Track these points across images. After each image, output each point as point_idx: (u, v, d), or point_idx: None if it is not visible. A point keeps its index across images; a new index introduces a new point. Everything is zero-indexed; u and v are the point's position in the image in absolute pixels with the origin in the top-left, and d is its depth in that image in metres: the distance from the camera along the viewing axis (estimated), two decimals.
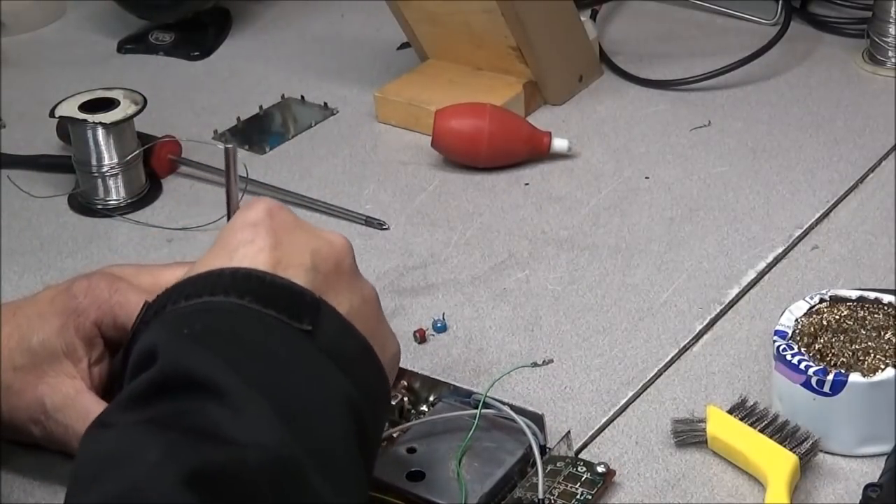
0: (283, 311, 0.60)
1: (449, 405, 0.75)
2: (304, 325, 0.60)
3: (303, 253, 0.63)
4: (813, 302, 0.77)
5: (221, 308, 0.60)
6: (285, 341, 0.60)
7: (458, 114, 1.03)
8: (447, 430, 0.73)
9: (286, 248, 0.63)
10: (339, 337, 0.62)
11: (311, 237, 0.65)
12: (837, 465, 0.73)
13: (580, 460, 0.72)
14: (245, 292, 0.61)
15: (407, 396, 0.76)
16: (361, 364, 0.62)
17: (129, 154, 1.01)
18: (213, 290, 0.61)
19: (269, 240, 0.63)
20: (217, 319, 0.60)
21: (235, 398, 0.56)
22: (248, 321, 0.60)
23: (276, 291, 0.61)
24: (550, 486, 0.70)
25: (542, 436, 0.72)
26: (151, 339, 0.59)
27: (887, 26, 1.14)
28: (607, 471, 0.72)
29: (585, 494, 0.70)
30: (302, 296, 0.61)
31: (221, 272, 0.62)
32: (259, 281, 0.61)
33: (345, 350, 0.62)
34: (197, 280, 0.62)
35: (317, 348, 0.60)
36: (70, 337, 0.74)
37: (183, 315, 0.60)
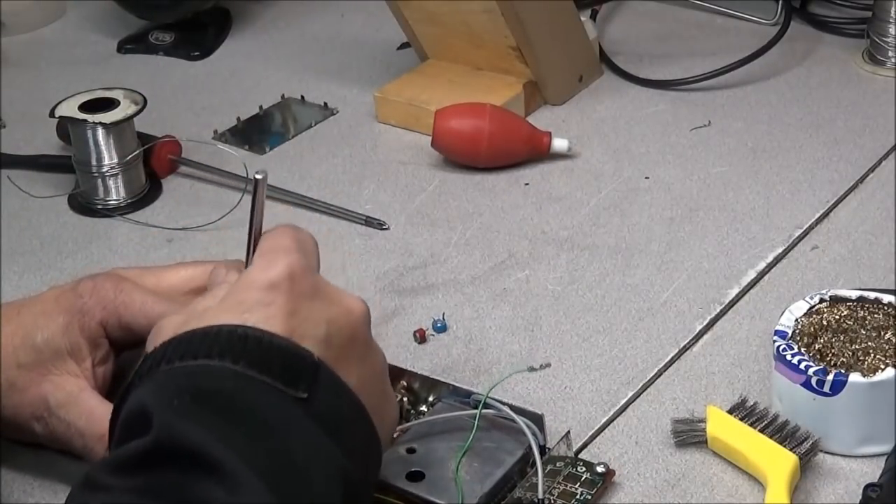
0: (279, 377, 0.59)
1: (448, 405, 0.75)
2: (299, 392, 0.59)
3: (318, 324, 0.62)
4: (813, 302, 0.77)
5: (216, 373, 0.59)
6: (279, 410, 0.59)
7: (458, 114, 1.03)
8: (447, 430, 0.73)
9: (302, 316, 0.62)
10: (335, 403, 0.61)
11: (328, 306, 0.64)
12: (837, 465, 0.73)
13: (580, 460, 0.72)
14: (240, 356, 0.59)
15: (406, 396, 0.76)
16: (356, 432, 0.62)
17: (129, 154, 1.01)
18: (209, 352, 0.60)
19: (286, 306, 0.62)
20: (211, 386, 0.59)
21: (229, 474, 0.55)
22: (243, 388, 0.59)
23: (274, 355, 0.60)
24: (550, 486, 0.70)
25: (541, 436, 0.72)
26: (144, 399, 0.58)
27: (887, 26, 1.14)
28: (607, 471, 0.72)
29: (585, 494, 0.70)
30: (301, 359, 0.61)
31: (219, 331, 0.61)
32: (256, 343, 0.60)
33: (340, 417, 0.61)
34: (194, 339, 0.61)
35: (311, 417, 0.59)
36: (75, 336, 0.74)
37: (177, 377, 0.59)
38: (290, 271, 0.63)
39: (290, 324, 0.61)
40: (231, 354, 0.59)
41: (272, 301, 0.62)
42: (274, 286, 0.62)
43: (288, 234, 0.66)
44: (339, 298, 0.64)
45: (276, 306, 0.62)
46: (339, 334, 0.63)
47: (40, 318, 0.74)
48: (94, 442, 0.72)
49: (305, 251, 0.66)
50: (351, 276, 0.92)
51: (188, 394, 0.58)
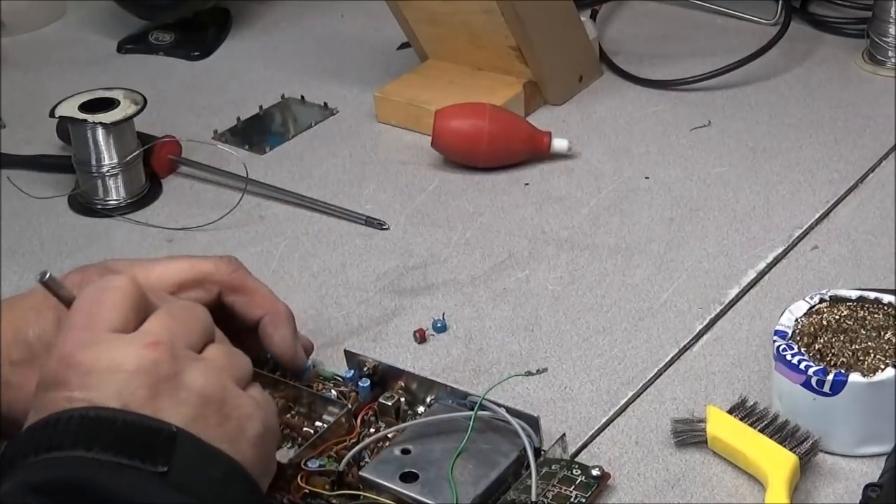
0: (135, 455, 0.58)
1: (445, 406, 0.75)
2: (158, 466, 0.58)
3: (109, 397, 0.61)
4: (813, 302, 0.77)
5: (71, 464, 0.58)
6: (141, 490, 0.58)
7: (458, 114, 1.03)
8: (442, 431, 0.73)
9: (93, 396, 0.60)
10: (200, 467, 0.60)
11: (111, 375, 0.61)
12: (837, 465, 0.73)
13: (575, 463, 0.72)
14: (93, 442, 0.58)
15: (404, 397, 0.76)
16: (225, 485, 0.61)
17: (129, 154, 1.01)
18: (62, 442, 0.58)
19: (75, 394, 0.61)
20: (69, 478, 0.58)
21: None
22: (100, 475, 0.58)
23: (126, 433, 0.59)
24: (544, 488, 0.70)
25: (536, 438, 0.72)
26: (3, 498, 0.57)
27: (887, 26, 1.14)
28: (602, 474, 0.71)
29: (579, 497, 0.70)
30: (156, 432, 0.60)
31: (70, 418, 0.59)
32: (108, 424, 0.59)
33: (208, 480, 0.60)
34: (46, 428, 0.60)
35: (176, 489, 0.58)
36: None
37: (33, 472, 0.58)
38: (58, 363, 0.62)
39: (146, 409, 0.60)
40: (83, 441, 0.58)
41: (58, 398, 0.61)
42: (51, 385, 0.61)
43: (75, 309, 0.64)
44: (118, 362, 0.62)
45: (66, 401, 0.60)
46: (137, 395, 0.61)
47: (30, 314, 0.74)
48: None
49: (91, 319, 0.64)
50: (351, 276, 0.92)
51: (45, 491, 0.57)
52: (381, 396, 0.76)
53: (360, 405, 0.76)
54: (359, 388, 0.76)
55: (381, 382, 0.77)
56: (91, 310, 0.64)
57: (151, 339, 0.63)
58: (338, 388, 0.77)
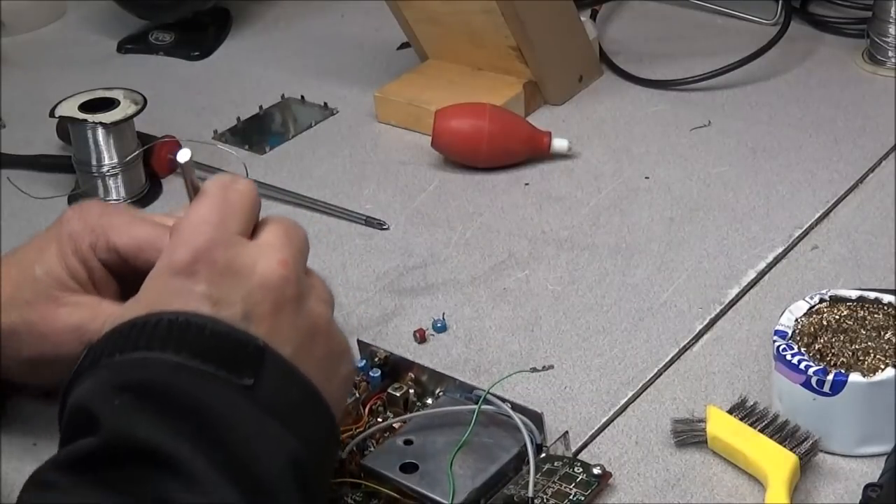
0: (222, 365, 0.58)
1: (451, 399, 0.75)
2: (244, 379, 0.58)
3: (234, 303, 0.60)
4: (813, 302, 0.77)
5: (158, 366, 0.57)
6: (226, 400, 0.57)
7: (458, 114, 1.03)
8: (446, 423, 0.73)
9: (217, 297, 0.60)
10: (282, 387, 0.59)
11: (242, 280, 0.61)
12: (837, 465, 0.73)
13: (577, 461, 0.72)
14: (181, 347, 0.58)
15: (413, 389, 0.76)
16: (307, 413, 0.60)
17: (129, 154, 1.01)
18: (150, 343, 0.58)
19: (197, 289, 0.60)
20: (155, 379, 0.57)
21: (184, 467, 0.54)
22: (186, 380, 0.57)
23: (216, 343, 0.58)
24: (544, 485, 0.70)
25: (539, 434, 0.72)
26: (87, 396, 0.57)
27: (887, 26, 1.14)
28: (603, 472, 0.71)
29: (578, 495, 0.70)
30: (244, 346, 0.59)
31: (159, 321, 0.59)
32: (198, 331, 0.58)
33: (289, 401, 0.59)
34: (132, 329, 0.59)
35: (259, 405, 0.58)
36: (73, 263, 0.73)
37: (119, 372, 0.58)
38: (193, 253, 0.61)
39: (204, 310, 0.59)
40: (172, 345, 0.58)
41: (181, 288, 0.60)
42: (179, 272, 0.61)
43: (206, 202, 0.63)
44: (253, 267, 0.62)
45: (186, 294, 0.60)
46: (260, 307, 0.61)
47: (33, 254, 0.74)
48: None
49: (224, 216, 0.63)
50: (351, 276, 0.92)
51: (130, 390, 0.56)
52: (390, 387, 0.76)
53: (369, 395, 0.76)
54: (369, 378, 0.77)
55: (391, 373, 0.78)
56: (223, 208, 0.63)
57: (280, 257, 0.62)
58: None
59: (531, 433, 0.71)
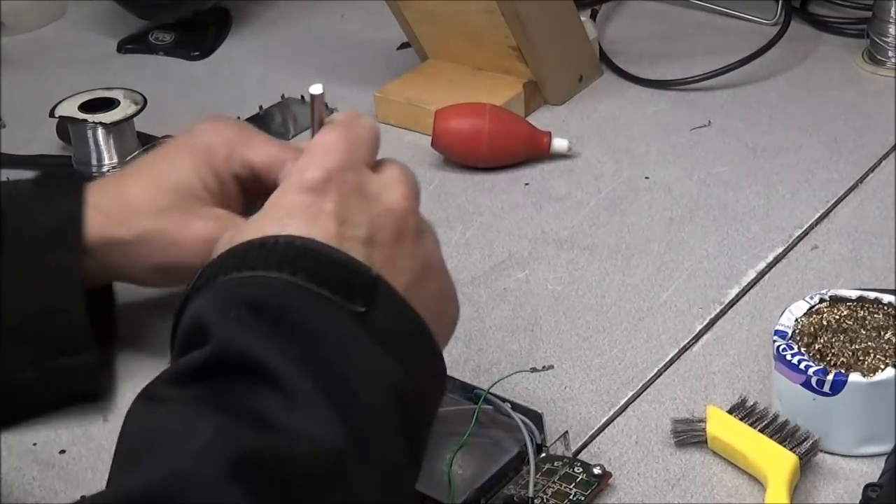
0: (337, 290, 0.58)
1: (451, 399, 0.75)
2: (357, 306, 0.58)
3: (360, 225, 0.61)
4: (813, 302, 0.77)
5: (273, 285, 0.58)
6: (337, 324, 0.58)
7: (458, 114, 1.03)
8: (447, 423, 0.73)
9: (344, 217, 0.61)
10: (393, 318, 0.60)
11: (370, 205, 0.62)
12: (837, 465, 0.73)
13: (578, 461, 0.72)
14: (298, 268, 0.58)
15: None
16: (415, 347, 0.61)
17: (129, 154, 1.01)
18: (267, 263, 0.59)
19: (327, 207, 0.61)
20: (269, 297, 0.58)
21: (288, 386, 0.54)
22: (300, 301, 0.58)
23: (331, 269, 0.59)
24: (544, 485, 0.70)
25: (539, 434, 0.72)
26: (202, 311, 0.58)
27: (887, 26, 1.14)
28: (603, 472, 0.71)
29: (578, 495, 0.70)
30: (358, 274, 0.59)
31: (276, 243, 0.59)
32: (314, 256, 0.59)
33: (399, 333, 0.60)
34: (249, 249, 0.60)
35: (369, 333, 0.58)
36: (207, 176, 0.74)
37: (234, 288, 0.58)
38: (325, 172, 0.62)
39: (331, 227, 0.60)
40: (289, 266, 0.58)
41: (310, 205, 0.61)
42: (310, 189, 0.61)
43: (336, 130, 0.64)
44: (378, 195, 0.63)
45: (315, 211, 0.61)
46: (382, 233, 0.62)
47: (166, 165, 0.75)
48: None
49: (352, 145, 0.64)
50: None
51: (245, 305, 0.57)
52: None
53: None
54: None
55: None
56: (351, 137, 0.64)
57: (404, 191, 0.64)
58: None
59: (531, 433, 0.71)
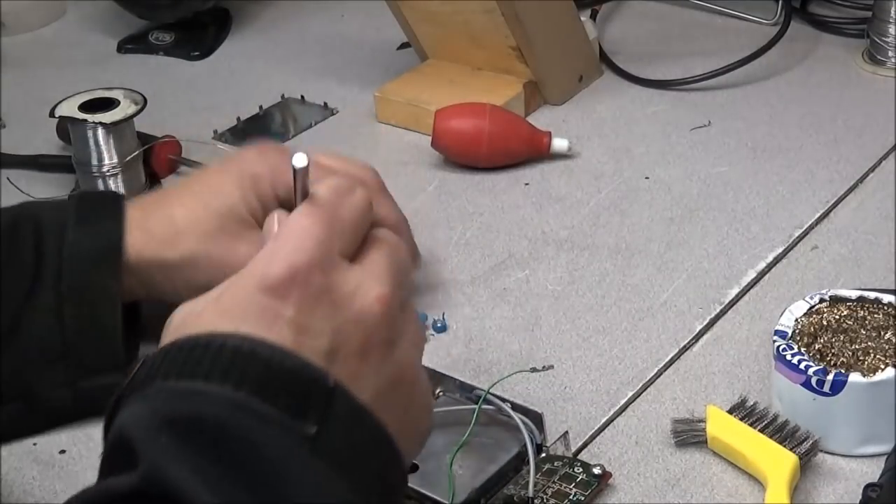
0: (286, 407, 0.52)
1: (451, 399, 0.75)
2: (308, 425, 0.52)
3: (321, 334, 0.55)
4: (813, 302, 0.77)
5: (214, 401, 0.52)
6: (282, 450, 0.52)
7: (458, 114, 1.03)
8: (447, 423, 0.73)
9: (304, 325, 0.55)
10: (350, 432, 0.54)
11: (336, 311, 0.56)
12: (837, 465, 0.73)
13: (578, 461, 0.72)
14: (243, 380, 0.52)
15: None
16: (374, 461, 0.55)
17: (129, 154, 1.01)
18: (210, 372, 0.53)
19: (286, 313, 0.55)
20: (208, 418, 0.52)
21: None
22: (243, 422, 0.52)
23: (281, 379, 0.53)
24: (544, 485, 0.71)
25: (539, 434, 0.72)
26: (133, 426, 0.52)
27: (887, 26, 1.14)
28: (603, 473, 0.71)
29: (578, 495, 0.70)
30: (313, 383, 0.53)
31: (223, 345, 0.53)
32: (263, 364, 0.53)
33: (356, 447, 0.54)
34: (195, 349, 0.54)
35: (319, 454, 0.52)
36: (253, 202, 0.75)
37: (171, 401, 0.53)
38: (290, 271, 0.55)
39: (287, 338, 0.54)
40: (234, 377, 0.52)
41: (267, 308, 0.55)
42: (269, 289, 0.55)
43: (315, 213, 0.57)
44: (350, 298, 0.56)
45: (272, 316, 0.55)
46: (348, 345, 0.56)
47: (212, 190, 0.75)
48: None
49: (330, 234, 0.57)
50: None
51: (179, 426, 0.52)
52: None
53: None
54: None
55: None
56: (331, 224, 0.57)
57: (380, 292, 0.57)
58: None
59: (531, 433, 0.71)
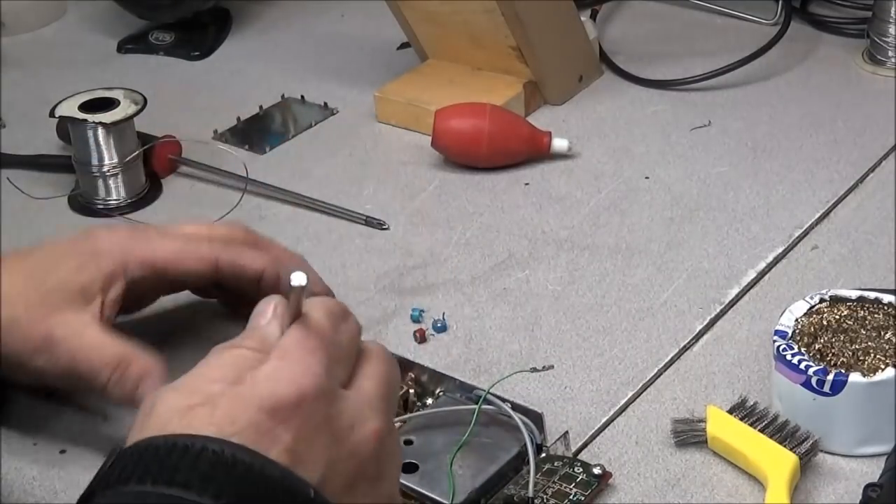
0: None
1: (451, 399, 0.75)
2: None
3: (315, 464, 0.55)
4: (813, 302, 0.77)
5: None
6: None
7: (458, 114, 1.03)
8: (446, 423, 0.73)
9: (300, 453, 0.54)
10: None
11: (333, 444, 0.56)
12: (837, 465, 0.73)
13: (578, 461, 0.72)
14: (222, 490, 0.51)
15: (413, 389, 0.76)
16: None
17: (129, 154, 1.01)
18: (188, 479, 0.51)
19: (284, 437, 0.54)
20: None
21: None
22: None
23: (262, 489, 0.52)
24: (545, 485, 0.70)
25: (539, 434, 0.72)
26: None
27: (887, 26, 1.14)
28: (603, 472, 0.71)
29: (578, 495, 0.70)
30: (293, 494, 0.53)
31: (203, 449, 0.52)
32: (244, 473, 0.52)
33: None
34: (172, 454, 0.52)
35: None
36: (88, 276, 0.74)
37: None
38: (298, 396, 0.55)
39: (282, 458, 0.54)
40: (213, 486, 0.51)
41: (267, 429, 0.54)
42: (274, 410, 0.54)
43: (314, 336, 0.58)
44: (348, 430, 0.57)
45: (270, 438, 0.54)
46: (338, 479, 0.56)
47: (51, 260, 0.75)
48: (99, 369, 0.72)
49: (332, 361, 0.58)
50: (351, 276, 0.92)
51: None
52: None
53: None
54: None
55: None
56: (332, 351, 0.58)
57: (376, 427, 0.58)
58: None
59: (531, 433, 0.71)
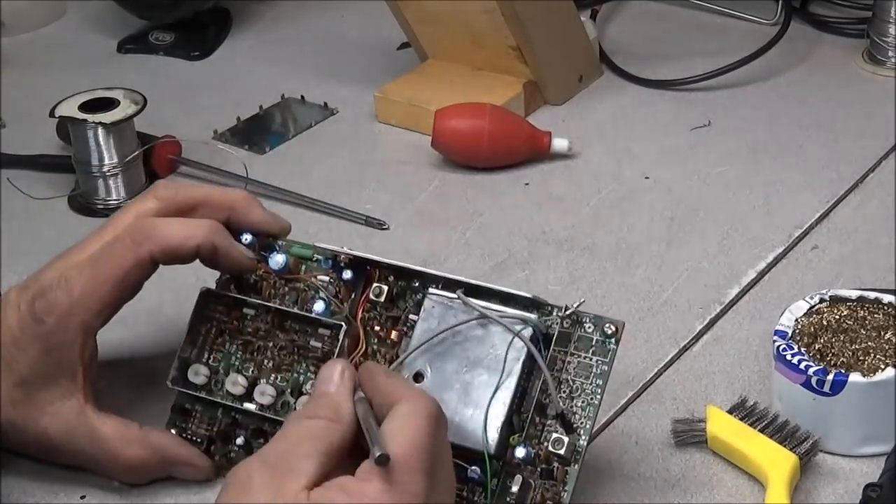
0: None
1: (439, 302, 0.72)
2: None
3: None
4: (813, 302, 0.77)
5: None
6: None
7: (458, 114, 1.03)
8: (448, 344, 0.70)
9: None
10: None
11: None
12: (837, 465, 0.73)
13: (583, 314, 0.70)
14: None
15: (394, 288, 0.74)
16: None
17: (129, 154, 1.01)
18: None
19: None
20: None
21: None
22: None
23: None
24: (563, 363, 0.68)
25: (542, 323, 0.69)
26: None
27: (887, 26, 1.14)
28: (616, 328, 0.69)
29: (601, 365, 0.69)
30: None
31: None
32: None
33: None
34: None
35: None
36: (56, 357, 0.71)
37: None
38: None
39: None
40: None
41: None
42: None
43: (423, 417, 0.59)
44: None
45: None
46: None
47: (14, 351, 0.72)
48: (106, 465, 0.72)
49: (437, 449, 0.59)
50: None
51: None
52: (368, 291, 0.73)
53: (354, 302, 0.73)
54: (343, 280, 0.74)
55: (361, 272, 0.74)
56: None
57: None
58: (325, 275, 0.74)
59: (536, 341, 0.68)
